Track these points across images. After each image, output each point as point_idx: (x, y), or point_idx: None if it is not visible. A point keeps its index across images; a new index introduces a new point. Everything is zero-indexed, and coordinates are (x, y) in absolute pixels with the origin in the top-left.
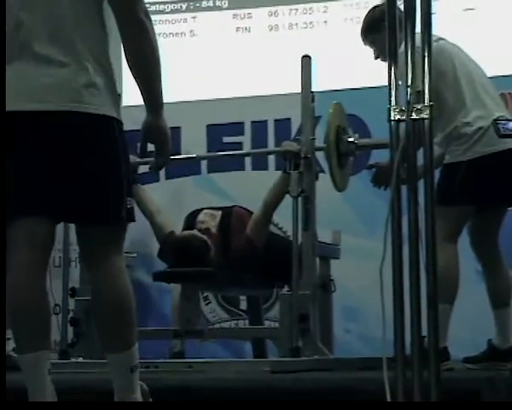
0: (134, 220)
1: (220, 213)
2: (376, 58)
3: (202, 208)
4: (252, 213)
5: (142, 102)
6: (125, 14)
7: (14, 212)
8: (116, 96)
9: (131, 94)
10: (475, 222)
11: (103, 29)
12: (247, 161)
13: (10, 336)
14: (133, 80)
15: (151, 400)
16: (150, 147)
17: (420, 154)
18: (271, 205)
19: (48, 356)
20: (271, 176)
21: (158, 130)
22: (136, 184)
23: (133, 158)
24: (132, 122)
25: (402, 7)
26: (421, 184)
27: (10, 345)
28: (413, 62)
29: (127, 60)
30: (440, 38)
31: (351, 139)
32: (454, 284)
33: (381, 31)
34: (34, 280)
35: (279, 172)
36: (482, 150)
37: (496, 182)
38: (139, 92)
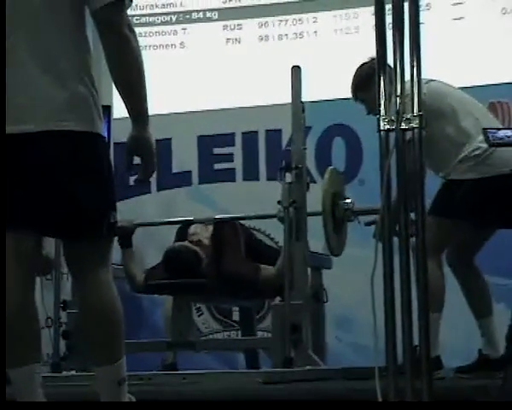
0: (116, 235)
1: (212, 224)
2: (368, 114)
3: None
4: (243, 225)
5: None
6: (108, 27)
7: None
8: (100, 111)
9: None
10: (462, 238)
11: (85, 42)
12: (238, 171)
13: None
14: None
15: None
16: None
17: None
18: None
19: (38, 369)
20: (262, 186)
21: (144, 142)
22: (128, 248)
23: (129, 221)
24: (124, 134)
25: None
26: None
27: None
28: (402, 72)
29: (111, 73)
30: (431, 80)
31: (347, 202)
32: (441, 293)
33: (371, 89)
34: (21, 294)
35: (270, 183)
36: (488, 171)
37: (497, 204)
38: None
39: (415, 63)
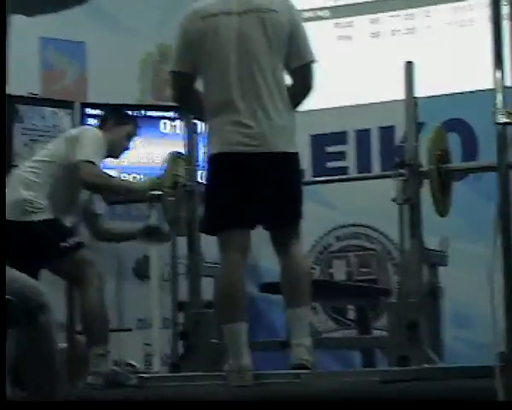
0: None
1: None
2: None
3: None
4: None
5: None
6: (302, 80)
7: (230, 225)
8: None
9: None
10: None
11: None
12: (352, 169)
13: (103, 352)
14: None
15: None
16: None
17: None
18: None
19: (246, 327)
20: (377, 183)
21: None
22: None
23: None
24: None
25: None
26: None
27: (106, 363)
28: None
29: (294, 102)
30: None
31: (453, 165)
32: None
33: None
34: (240, 272)
35: (385, 180)
36: None
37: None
38: None
39: None
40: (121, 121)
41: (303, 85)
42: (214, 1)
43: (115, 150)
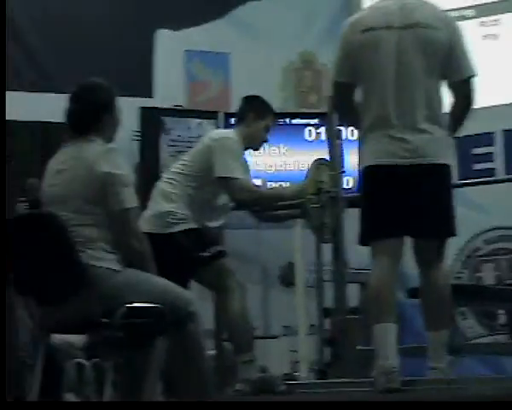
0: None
1: None
2: None
3: None
4: None
5: None
6: (464, 100)
7: (385, 234)
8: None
9: None
10: None
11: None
12: (499, 171)
13: (248, 359)
14: None
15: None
16: None
17: None
18: None
19: (395, 329)
20: None
21: None
22: None
23: None
24: None
25: None
26: None
27: (254, 370)
28: None
29: (460, 117)
30: None
31: None
32: None
33: None
34: (392, 276)
35: None
36: None
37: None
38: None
39: None
40: (261, 115)
41: (463, 100)
42: (374, 13)
43: (255, 143)
